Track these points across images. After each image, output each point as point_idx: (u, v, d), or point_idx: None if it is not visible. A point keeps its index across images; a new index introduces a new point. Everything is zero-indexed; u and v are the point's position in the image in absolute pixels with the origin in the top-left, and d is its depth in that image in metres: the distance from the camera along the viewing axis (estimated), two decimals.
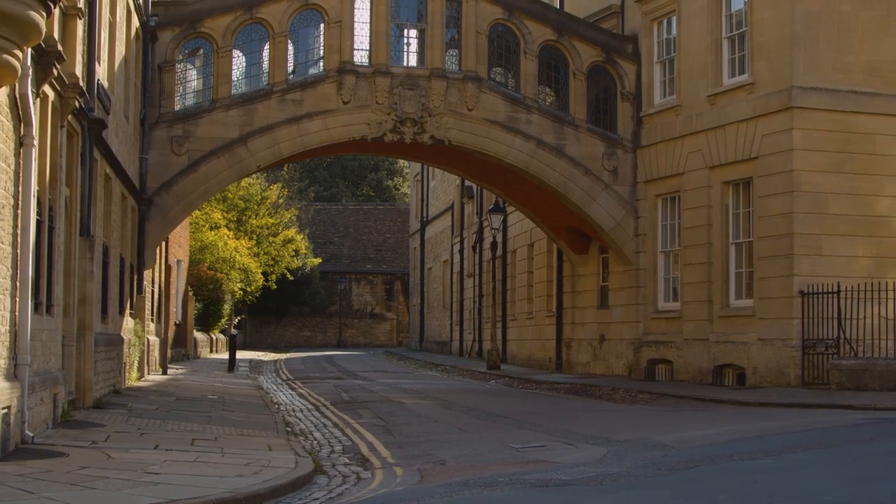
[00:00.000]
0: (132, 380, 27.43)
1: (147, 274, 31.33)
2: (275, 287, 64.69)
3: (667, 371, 31.26)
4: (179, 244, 43.20)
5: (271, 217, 64.75)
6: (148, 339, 31.37)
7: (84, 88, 18.83)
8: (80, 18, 18.18)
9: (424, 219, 66.93)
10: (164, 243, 34.61)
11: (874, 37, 27.82)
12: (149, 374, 31.33)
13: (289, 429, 19.65)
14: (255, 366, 44.90)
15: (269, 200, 64.71)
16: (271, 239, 64.10)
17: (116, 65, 24.29)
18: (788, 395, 24.20)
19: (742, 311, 28.50)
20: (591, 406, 24.71)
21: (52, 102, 16.82)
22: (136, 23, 27.61)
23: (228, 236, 55.22)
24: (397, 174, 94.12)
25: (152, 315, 33.69)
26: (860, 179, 27.37)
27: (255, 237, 62.44)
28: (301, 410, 24.34)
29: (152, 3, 29.94)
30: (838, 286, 25.86)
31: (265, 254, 62.89)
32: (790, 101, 27.27)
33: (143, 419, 18.83)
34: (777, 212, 27.40)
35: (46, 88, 16.18)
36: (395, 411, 23.14)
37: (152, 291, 33.66)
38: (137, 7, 27.57)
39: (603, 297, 34.84)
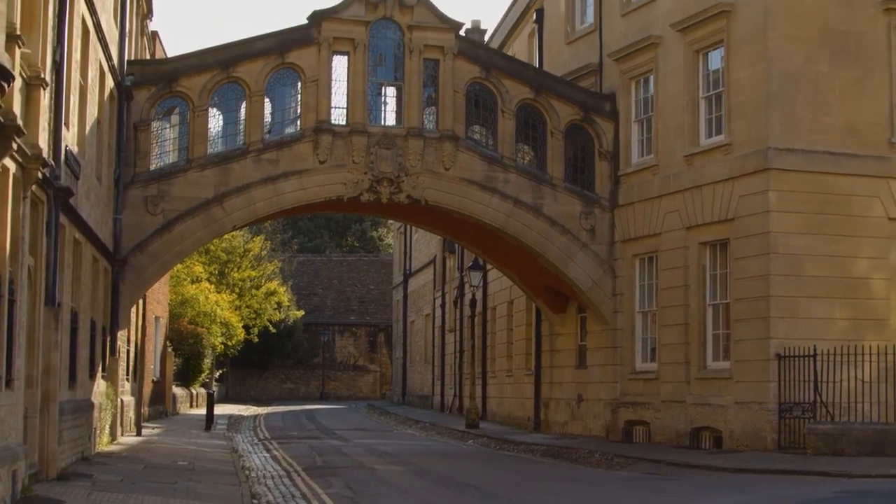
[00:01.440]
0: (103, 444, 27.08)
1: (123, 333, 31.04)
2: (257, 340, 64.45)
3: (644, 433, 30.96)
4: (158, 300, 42.93)
5: (254, 269, 64.63)
6: (122, 400, 31.03)
7: (49, 158, 18.61)
8: (44, 88, 17.95)
9: (407, 271, 66.72)
10: (141, 300, 34.33)
11: (852, 98, 27.73)
12: (122, 435, 30.97)
13: (255, 501, 19.34)
14: (234, 422, 44.51)
15: (251, 253, 64.61)
16: (254, 292, 63.97)
17: (87, 127, 24.07)
18: (764, 461, 23.96)
19: (719, 374, 28.26)
20: (563, 474, 24.37)
21: (14, 175, 16.57)
22: (109, 83, 27.43)
23: (209, 290, 55.02)
24: (382, 225, 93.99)
25: (127, 374, 33.35)
26: (837, 241, 27.21)
27: (237, 290, 62.26)
28: (272, 477, 23.98)
29: (128, 62, 29.79)
30: (815, 349, 25.64)
31: (247, 307, 62.69)
32: (766, 162, 27.15)
33: (105, 493, 18.48)
34: (753, 273, 27.24)
35: (7, 162, 15.94)
36: (366, 480, 22.81)
37: (128, 351, 33.35)
38: (112, 68, 27.40)
39: (581, 357, 34.56)
